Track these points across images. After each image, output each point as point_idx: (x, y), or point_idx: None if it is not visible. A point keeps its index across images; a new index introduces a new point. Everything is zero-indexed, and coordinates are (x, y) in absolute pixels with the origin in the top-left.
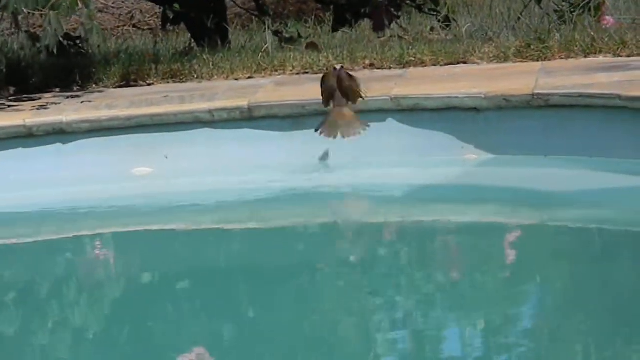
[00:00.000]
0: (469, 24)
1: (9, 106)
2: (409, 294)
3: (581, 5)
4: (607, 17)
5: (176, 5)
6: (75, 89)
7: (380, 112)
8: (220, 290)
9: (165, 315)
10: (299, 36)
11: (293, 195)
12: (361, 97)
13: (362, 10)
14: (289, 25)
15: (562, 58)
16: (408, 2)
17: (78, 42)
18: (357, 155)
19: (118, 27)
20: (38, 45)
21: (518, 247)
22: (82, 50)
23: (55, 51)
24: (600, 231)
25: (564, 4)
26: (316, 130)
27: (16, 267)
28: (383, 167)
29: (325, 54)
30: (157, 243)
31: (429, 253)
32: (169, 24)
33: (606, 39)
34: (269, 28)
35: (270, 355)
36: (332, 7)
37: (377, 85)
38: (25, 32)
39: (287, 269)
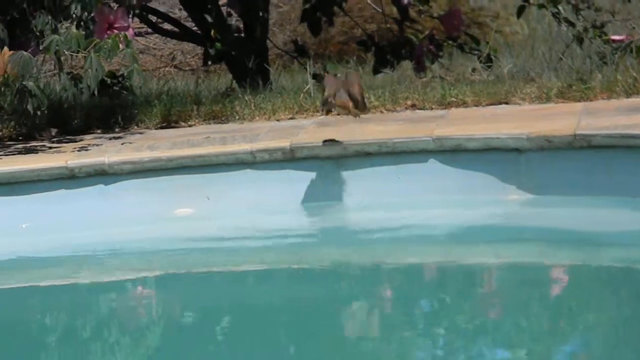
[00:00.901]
0: (510, 65)
1: (51, 147)
2: (450, 336)
3: (623, 46)
4: None
5: (218, 45)
6: (116, 130)
7: (422, 153)
8: (262, 333)
9: (205, 356)
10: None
11: (335, 236)
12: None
13: (403, 51)
14: (328, 67)
15: (604, 99)
16: (449, 42)
17: (120, 79)
18: (399, 196)
19: (159, 68)
20: (80, 86)
21: (561, 288)
22: (124, 91)
23: (96, 92)
24: None
25: (605, 46)
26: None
27: (57, 310)
28: (424, 208)
29: (367, 94)
30: (199, 285)
31: (471, 295)
32: (210, 62)
33: None
34: (308, 69)
35: None
36: (373, 48)
37: (419, 125)
38: (67, 73)
39: (329, 313)
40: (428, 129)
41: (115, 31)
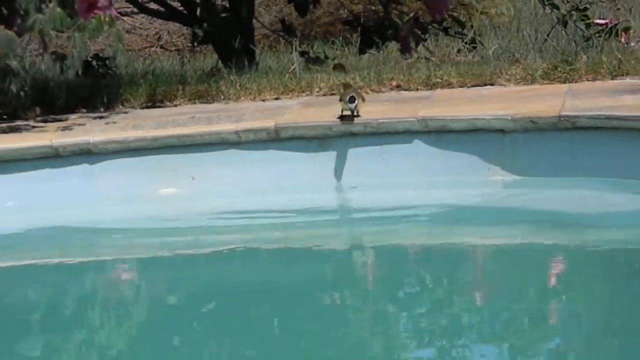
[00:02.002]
0: (495, 46)
1: (35, 127)
2: (433, 315)
3: (608, 28)
4: (631, 44)
5: (204, 25)
6: (101, 109)
7: (407, 134)
8: (245, 312)
9: (187, 337)
10: (326, 57)
11: (319, 216)
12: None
13: (389, 33)
14: (316, 46)
15: (589, 80)
16: (435, 25)
17: (106, 62)
18: (383, 176)
19: (145, 48)
20: (64, 65)
21: (544, 269)
22: (109, 71)
23: (80, 72)
24: (627, 252)
25: (589, 29)
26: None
27: (40, 287)
28: (409, 188)
29: (352, 75)
30: (182, 264)
31: (455, 275)
32: (197, 44)
33: (633, 62)
34: (295, 49)
35: None
36: (359, 29)
37: (404, 106)
38: (52, 53)
39: (312, 291)
40: (413, 109)
41: (97, 11)
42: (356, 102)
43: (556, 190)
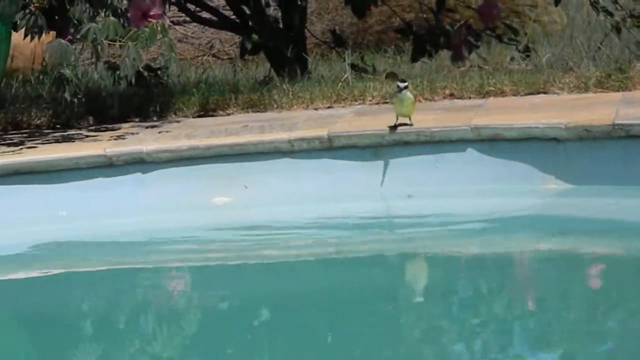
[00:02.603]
0: (549, 54)
1: (89, 136)
2: (488, 325)
3: None
4: None
5: (254, 37)
6: (154, 118)
7: (460, 142)
8: (299, 320)
9: (238, 348)
10: (374, 69)
11: (372, 225)
12: None
13: (441, 41)
14: (366, 57)
15: None
16: (487, 32)
17: (158, 72)
18: (438, 185)
19: (197, 56)
20: (117, 74)
21: (599, 278)
22: (162, 81)
23: (133, 81)
24: None
25: None
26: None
27: (94, 296)
28: (463, 197)
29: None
30: (236, 273)
31: (510, 283)
32: (246, 55)
33: None
34: (346, 59)
35: None
36: (411, 37)
37: (457, 115)
38: (105, 62)
39: (366, 300)
40: (466, 118)
41: (150, 20)
42: (405, 86)
43: (610, 199)
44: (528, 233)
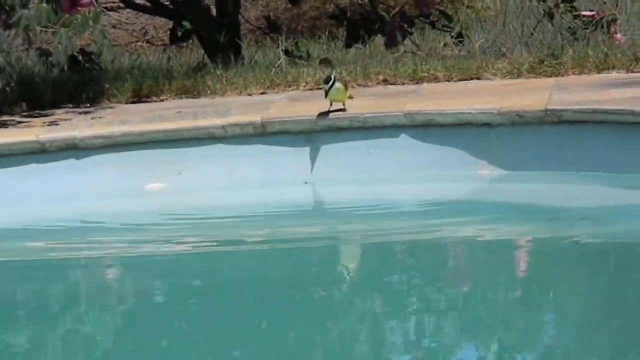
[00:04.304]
0: (482, 40)
1: (22, 122)
2: (418, 309)
3: (594, 22)
4: (617, 35)
5: (185, 23)
6: (87, 104)
7: (393, 128)
8: (231, 307)
9: (171, 333)
10: (308, 55)
11: (305, 210)
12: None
13: (375, 27)
14: (300, 44)
15: (575, 74)
16: (421, 18)
17: (92, 57)
18: (370, 170)
19: (131, 42)
20: (50, 61)
21: (530, 262)
22: (95, 66)
23: (66, 67)
24: (612, 246)
25: (576, 21)
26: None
27: (25, 283)
28: (396, 183)
29: (339, 69)
30: (169, 259)
31: (440, 269)
32: (175, 41)
33: (619, 55)
34: (280, 45)
35: None
36: (345, 23)
37: (390, 100)
38: (37, 48)
39: (297, 286)
40: (400, 103)
41: (80, 8)
42: (332, 83)
43: (543, 184)
44: (461, 218)
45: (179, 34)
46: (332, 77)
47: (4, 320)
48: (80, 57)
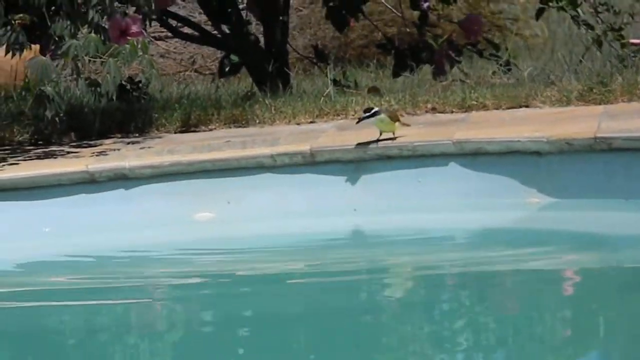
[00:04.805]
0: (530, 68)
1: (70, 152)
2: (471, 339)
3: None
4: None
5: (233, 57)
6: (135, 134)
7: (442, 156)
8: (282, 337)
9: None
10: (356, 84)
11: (356, 240)
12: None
13: (423, 55)
14: (348, 72)
15: (624, 101)
16: (469, 47)
17: (139, 85)
18: (420, 199)
19: (180, 72)
20: (98, 91)
21: (581, 291)
22: (144, 97)
23: (114, 97)
24: None
25: (625, 49)
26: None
27: (76, 313)
28: (445, 211)
29: (387, 98)
30: (219, 288)
31: (492, 298)
32: (224, 75)
33: None
34: (328, 74)
35: None
36: (393, 52)
37: (439, 129)
38: (85, 79)
39: (350, 316)
40: (448, 132)
41: (130, 37)
42: (371, 114)
43: (592, 212)
44: (510, 247)
45: (227, 68)
46: (374, 110)
47: (57, 353)
48: (128, 86)
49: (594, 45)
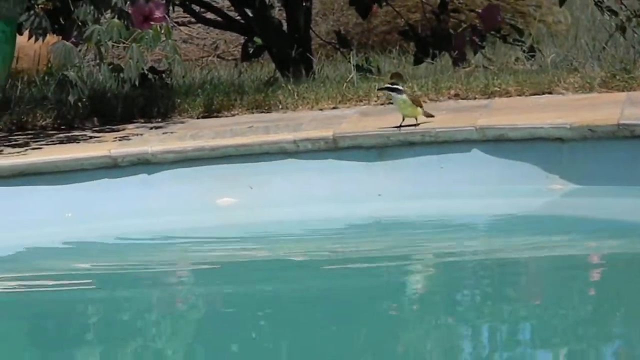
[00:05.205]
0: (553, 54)
1: (93, 137)
2: (493, 327)
3: None
4: None
5: (257, 39)
6: (158, 119)
7: (465, 143)
8: (302, 323)
9: (248, 345)
10: (379, 71)
11: (377, 225)
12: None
13: (445, 42)
14: (371, 58)
15: None
16: (492, 32)
17: (162, 74)
18: (442, 185)
19: (202, 57)
20: (121, 76)
21: (604, 278)
22: (166, 82)
23: (137, 83)
24: None
25: None
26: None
27: (99, 298)
28: (468, 197)
29: (410, 84)
30: (241, 273)
31: (514, 285)
32: (247, 59)
33: None
34: (351, 59)
35: None
36: (415, 39)
37: (462, 115)
38: (108, 64)
39: (368, 301)
40: (471, 118)
41: (153, 23)
42: (396, 89)
43: (615, 199)
44: (533, 233)
45: (251, 50)
46: (399, 87)
47: (81, 335)
48: (150, 75)
49: (618, 31)
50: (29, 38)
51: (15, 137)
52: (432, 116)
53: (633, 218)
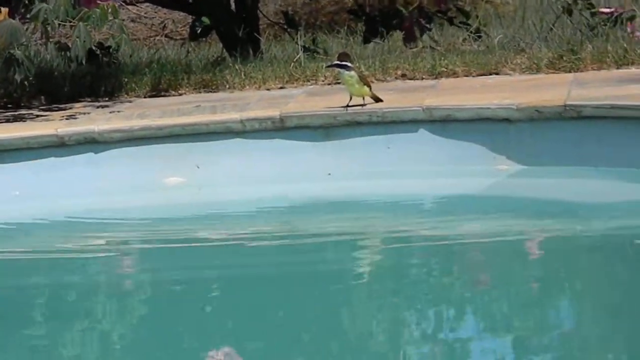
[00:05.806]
0: (501, 35)
1: (40, 116)
2: (435, 306)
3: (612, 19)
4: (638, 33)
5: (205, 19)
6: (105, 98)
7: (412, 123)
8: (247, 300)
9: (191, 325)
10: (325, 52)
11: (324, 205)
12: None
13: (394, 22)
14: (318, 39)
15: (594, 69)
16: (439, 14)
17: (110, 50)
18: (389, 165)
19: (150, 37)
20: (68, 55)
21: (549, 258)
22: (114, 61)
23: (84, 61)
24: (630, 242)
25: (595, 17)
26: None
27: (43, 278)
28: (414, 177)
29: (357, 64)
30: (187, 253)
31: (458, 265)
32: (195, 38)
33: (638, 51)
34: (299, 40)
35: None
36: (363, 19)
37: (409, 95)
38: (55, 43)
39: (315, 280)
40: (418, 98)
41: (99, 2)
42: (345, 65)
43: (561, 180)
44: (480, 213)
45: (198, 30)
46: (348, 64)
47: (19, 315)
48: (98, 51)
49: (564, 13)
50: None
51: None
52: (380, 100)
53: (579, 198)
